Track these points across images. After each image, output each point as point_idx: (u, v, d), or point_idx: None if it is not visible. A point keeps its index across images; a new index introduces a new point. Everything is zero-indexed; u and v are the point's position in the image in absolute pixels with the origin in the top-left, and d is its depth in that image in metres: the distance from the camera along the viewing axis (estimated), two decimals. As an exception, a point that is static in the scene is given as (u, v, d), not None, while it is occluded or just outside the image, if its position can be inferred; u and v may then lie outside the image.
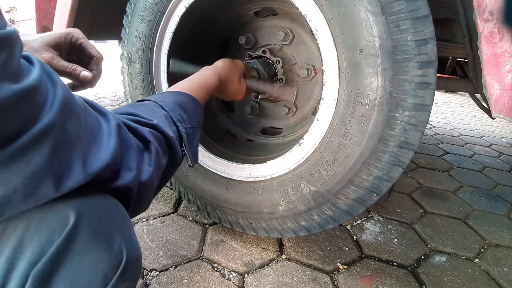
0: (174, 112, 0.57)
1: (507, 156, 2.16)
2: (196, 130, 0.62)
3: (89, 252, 0.35)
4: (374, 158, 0.69)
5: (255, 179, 0.86)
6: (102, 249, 0.36)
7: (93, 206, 0.39)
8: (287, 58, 0.97)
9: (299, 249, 0.96)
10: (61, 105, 0.32)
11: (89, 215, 0.37)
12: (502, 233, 1.17)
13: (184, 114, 0.59)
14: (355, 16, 0.65)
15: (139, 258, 0.41)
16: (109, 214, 0.40)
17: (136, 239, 0.43)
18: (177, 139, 0.55)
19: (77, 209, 0.36)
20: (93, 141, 0.38)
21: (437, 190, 1.49)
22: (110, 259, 0.36)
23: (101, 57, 0.68)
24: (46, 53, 0.60)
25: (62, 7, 1.23)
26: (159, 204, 1.15)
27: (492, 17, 0.62)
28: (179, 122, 0.57)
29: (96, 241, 0.36)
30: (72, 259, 0.34)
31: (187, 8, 0.90)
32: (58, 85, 0.33)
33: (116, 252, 0.37)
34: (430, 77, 0.63)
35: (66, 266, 0.34)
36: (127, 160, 0.43)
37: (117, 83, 3.76)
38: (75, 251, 0.34)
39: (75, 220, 0.35)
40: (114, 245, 0.37)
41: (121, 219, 0.41)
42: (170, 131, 0.53)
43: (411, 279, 0.89)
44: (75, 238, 0.35)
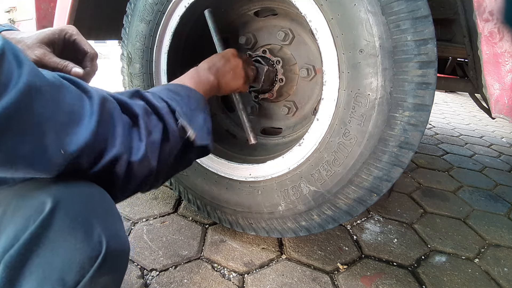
0: (162, 93, 0.55)
1: (507, 156, 2.16)
2: (197, 112, 0.58)
3: (64, 241, 0.34)
4: (374, 158, 0.69)
5: (255, 179, 0.86)
6: (79, 239, 0.34)
7: (73, 194, 0.37)
8: (287, 58, 0.97)
9: (299, 249, 0.96)
10: (26, 86, 0.31)
11: (68, 203, 0.36)
12: (502, 233, 1.17)
13: (175, 96, 0.57)
14: (355, 16, 0.65)
15: (123, 251, 0.39)
16: (90, 203, 0.38)
17: (122, 230, 0.41)
18: (168, 113, 0.52)
19: (55, 196, 0.35)
20: (71, 121, 0.36)
21: (437, 190, 1.49)
22: (87, 249, 0.35)
23: (95, 53, 0.67)
24: (39, 49, 0.60)
25: (62, 7, 1.23)
26: (159, 204, 1.15)
27: (492, 17, 0.62)
28: (169, 99, 0.54)
29: (73, 230, 0.34)
30: (46, 247, 0.33)
31: (187, 8, 0.90)
32: (24, 66, 0.32)
33: (95, 243, 0.35)
34: (430, 77, 0.63)
35: (39, 254, 0.33)
36: (113, 133, 0.41)
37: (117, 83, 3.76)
38: (49, 239, 0.33)
39: (51, 207, 0.34)
40: (93, 236, 0.35)
41: (105, 210, 0.40)
42: (156, 102, 0.51)
43: (411, 279, 0.89)
44: (50, 226, 0.33)
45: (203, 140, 0.57)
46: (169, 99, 0.54)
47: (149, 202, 1.15)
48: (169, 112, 0.52)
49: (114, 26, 1.34)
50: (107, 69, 5.24)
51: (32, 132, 0.32)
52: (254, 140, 0.87)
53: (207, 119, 0.61)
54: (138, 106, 0.47)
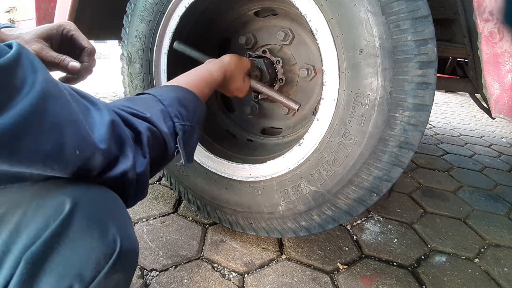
0: (172, 107, 0.56)
1: (507, 156, 2.16)
2: (195, 128, 0.61)
3: (82, 240, 0.36)
4: (374, 158, 0.69)
5: (255, 179, 0.86)
6: (96, 238, 0.36)
7: (90, 195, 0.40)
8: (287, 58, 0.97)
9: (299, 249, 0.96)
10: (41, 92, 0.32)
11: (85, 204, 0.38)
12: (502, 233, 1.17)
13: (183, 110, 0.58)
14: (355, 16, 0.65)
15: (134, 250, 0.41)
16: (105, 204, 0.41)
17: (133, 232, 0.43)
18: (171, 135, 0.54)
19: (74, 197, 0.37)
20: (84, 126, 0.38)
21: (437, 190, 1.49)
22: (103, 248, 0.37)
23: (93, 48, 0.68)
24: (36, 44, 0.61)
25: (62, 7, 1.23)
26: (159, 204, 1.15)
27: (492, 17, 0.62)
28: (177, 118, 0.56)
29: (90, 229, 0.37)
30: (66, 245, 0.35)
31: (187, 8, 0.90)
32: (39, 72, 0.33)
33: (110, 241, 0.37)
34: (430, 77, 0.63)
35: (59, 251, 0.34)
36: (124, 149, 0.44)
37: (117, 83, 3.76)
38: (68, 237, 0.35)
39: (70, 207, 0.36)
40: (108, 235, 0.37)
41: (118, 211, 0.42)
42: (164, 126, 0.53)
43: (411, 279, 0.89)
44: (69, 225, 0.35)
45: (189, 162, 0.60)
46: (176, 118, 0.56)
47: (149, 202, 1.15)
48: (173, 133, 0.55)
49: (114, 26, 1.34)
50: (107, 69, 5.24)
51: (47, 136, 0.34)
52: (296, 105, 0.83)
53: (198, 134, 0.64)
54: (141, 124, 0.49)
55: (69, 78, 0.67)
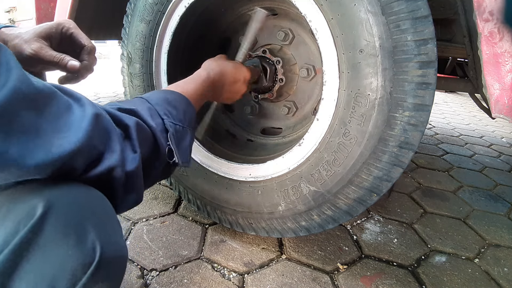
0: (160, 106, 0.55)
1: (507, 156, 2.16)
2: (186, 131, 0.59)
3: (55, 247, 0.33)
4: (374, 158, 0.69)
5: (255, 179, 0.86)
6: (71, 245, 0.33)
7: (68, 197, 0.37)
8: (287, 58, 0.97)
9: (299, 249, 0.96)
10: (12, 92, 0.30)
11: (60, 207, 0.35)
12: (502, 233, 1.17)
13: (172, 110, 0.57)
14: (355, 16, 0.65)
15: (119, 258, 0.38)
16: (85, 207, 0.37)
17: (119, 237, 0.40)
18: (161, 131, 0.52)
19: (48, 200, 0.34)
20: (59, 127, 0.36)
21: (437, 190, 1.49)
22: (80, 256, 0.34)
23: (93, 47, 0.66)
24: (35, 43, 0.60)
25: (62, 7, 1.23)
26: (159, 204, 1.15)
27: (492, 17, 0.62)
28: (166, 116, 0.54)
29: (65, 236, 0.34)
30: (36, 253, 0.32)
31: (187, 8, 0.90)
32: (13, 71, 0.31)
33: (88, 249, 0.34)
34: (430, 77, 0.63)
35: (29, 260, 0.32)
36: (109, 143, 0.41)
37: (117, 83, 3.76)
38: (39, 244, 0.32)
39: (43, 211, 0.33)
40: (86, 242, 0.34)
41: (101, 213, 0.39)
42: (152, 122, 0.51)
43: (411, 279, 0.89)
44: (40, 231, 0.33)
45: (185, 163, 0.58)
46: (165, 115, 0.54)
47: (149, 202, 1.15)
48: (163, 130, 0.53)
49: (114, 26, 1.34)
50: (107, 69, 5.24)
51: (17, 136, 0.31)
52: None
53: (193, 138, 0.62)
54: (128, 118, 0.47)
55: (69, 77, 0.66)
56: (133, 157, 0.44)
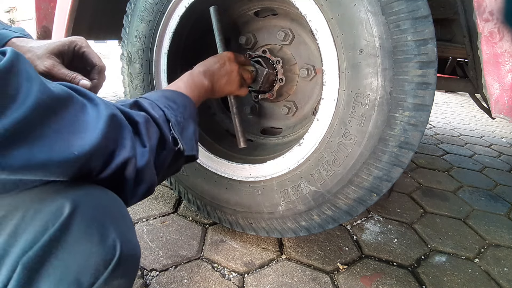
0: (159, 101, 0.57)
1: (507, 156, 2.16)
2: (189, 122, 0.61)
3: (81, 245, 0.35)
4: (374, 158, 0.69)
5: (255, 179, 0.86)
6: (95, 243, 0.36)
7: (90, 199, 0.39)
8: (287, 58, 0.97)
9: (299, 249, 0.96)
10: (35, 103, 0.33)
11: (85, 208, 0.37)
12: (502, 233, 1.17)
13: (172, 104, 0.58)
14: (355, 16, 0.65)
15: (135, 255, 0.41)
16: (106, 208, 0.40)
17: (134, 237, 0.42)
18: (164, 122, 0.54)
19: (73, 201, 0.37)
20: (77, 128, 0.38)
21: (437, 190, 1.49)
22: (102, 253, 0.36)
23: (103, 66, 0.69)
24: (48, 60, 0.62)
25: (62, 7, 1.23)
26: (159, 204, 1.15)
27: (492, 17, 0.62)
28: (166, 108, 0.56)
29: (89, 234, 0.36)
30: (64, 250, 0.34)
31: (187, 8, 0.90)
32: (34, 82, 0.33)
33: (109, 247, 0.37)
34: (430, 77, 0.63)
35: (57, 256, 0.34)
36: (122, 141, 0.43)
37: (117, 83, 3.76)
38: (67, 242, 0.35)
39: (69, 211, 0.36)
40: (108, 240, 0.37)
41: (119, 214, 0.41)
42: (155, 113, 0.53)
43: (411, 279, 0.89)
44: (68, 230, 0.35)
45: (191, 151, 0.59)
46: (165, 108, 0.56)
47: (149, 202, 1.15)
48: (165, 121, 0.54)
49: (114, 26, 1.34)
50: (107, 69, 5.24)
51: (42, 143, 0.34)
52: (243, 145, 0.89)
53: (196, 129, 0.64)
54: (138, 115, 0.49)
55: None
56: (143, 152, 0.47)
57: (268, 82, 0.95)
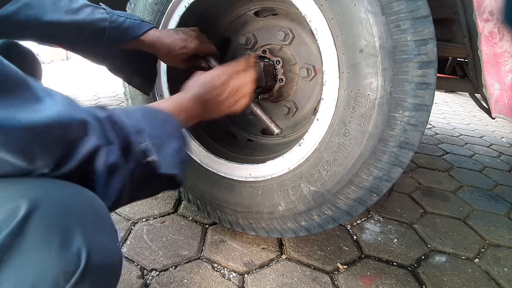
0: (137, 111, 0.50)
1: (507, 156, 2.16)
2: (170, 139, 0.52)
3: (37, 252, 0.31)
4: (374, 158, 0.69)
5: (255, 179, 0.86)
6: (54, 250, 0.31)
7: (54, 198, 0.34)
8: (287, 58, 0.97)
9: (299, 249, 0.96)
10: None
11: (46, 208, 0.32)
12: (502, 233, 1.17)
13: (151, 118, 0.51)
14: (355, 16, 0.65)
15: (109, 266, 0.36)
16: (72, 208, 0.35)
17: (111, 243, 0.37)
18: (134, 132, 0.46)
19: (32, 200, 0.32)
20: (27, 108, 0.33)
21: (437, 190, 1.49)
22: (62, 263, 0.31)
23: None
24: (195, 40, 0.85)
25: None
26: (159, 204, 1.15)
27: (492, 17, 0.62)
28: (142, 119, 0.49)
29: (48, 240, 0.31)
30: (17, 258, 0.30)
31: (187, 8, 0.90)
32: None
33: (72, 255, 0.32)
34: (430, 77, 0.63)
35: (9, 264, 0.30)
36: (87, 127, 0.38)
37: (117, 83, 3.76)
38: (20, 249, 0.30)
39: (26, 212, 0.31)
40: (71, 247, 0.32)
41: (91, 218, 0.36)
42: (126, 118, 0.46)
43: (411, 279, 0.89)
44: (22, 234, 0.30)
45: (170, 169, 0.49)
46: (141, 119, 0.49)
47: (149, 202, 1.15)
48: (137, 132, 0.46)
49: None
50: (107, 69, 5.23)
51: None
52: (277, 130, 0.81)
53: (183, 150, 0.54)
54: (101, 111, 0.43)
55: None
56: (112, 148, 0.41)
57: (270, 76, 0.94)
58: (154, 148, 0.47)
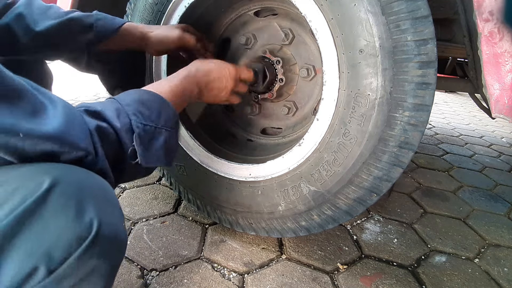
0: (130, 106, 0.54)
1: (507, 156, 2.16)
2: (160, 131, 0.56)
3: (56, 219, 0.36)
4: (374, 158, 0.69)
5: (255, 179, 0.86)
6: (70, 218, 0.36)
7: (72, 177, 0.40)
8: (287, 58, 0.97)
9: (299, 249, 0.96)
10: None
11: (65, 184, 0.38)
12: (502, 233, 1.17)
13: (145, 110, 0.55)
14: (355, 16, 0.65)
15: (115, 238, 0.40)
16: (88, 188, 0.40)
17: (119, 221, 0.42)
18: (127, 132, 0.51)
19: (54, 177, 0.37)
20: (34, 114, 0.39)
21: (437, 190, 1.49)
22: (77, 229, 0.36)
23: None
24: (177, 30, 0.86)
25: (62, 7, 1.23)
26: (159, 204, 1.15)
27: (492, 17, 0.62)
28: (135, 116, 0.53)
29: (66, 209, 0.36)
30: (38, 223, 0.35)
31: (187, 8, 0.90)
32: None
33: (85, 223, 0.37)
34: (430, 77, 0.63)
35: (30, 228, 0.35)
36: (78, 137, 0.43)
37: (117, 83, 3.76)
38: (42, 215, 0.35)
39: (48, 186, 0.36)
40: (84, 217, 0.37)
41: (102, 197, 0.41)
42: (118, 122, 0.50)
43: (411, 279, 0.89)
44: (44, 203, 0.35)
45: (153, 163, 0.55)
46: (135, 115, 0.53)
47: (149, 202, 1.15)
48: (129, 130, 0.51)
49: (114, 26, 1.34)
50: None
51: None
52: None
53: (171, 137, 0.59)
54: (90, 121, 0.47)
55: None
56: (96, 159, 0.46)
57: (268, 83, 0.95)
58: (142, 147, 0.52)
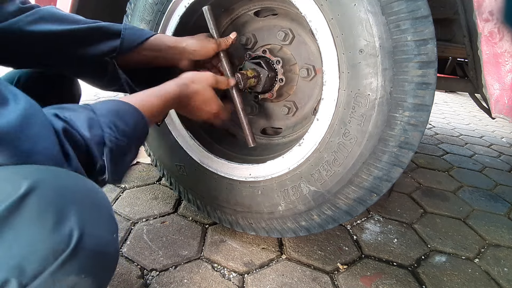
0: (105, 117, 0.49)
1: (507, 156, 2.16)
2: (131, 148, 0.53)
3: (30, 228, 0.32)
4: (374, 158, 0.69)
5: (255, 179, 0.86)
6: (47, 228, 0.32)
7: (56, 181, 0.36)
8: (287, 58, 0.97)
9: (299, 249, 0.96)
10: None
11: (45, 190, 0.34)
12: (502, 233, 1.17)
13: (120, 123, 0.51)
14: (355, 16, 0.65)
15: (101, 253, 0.36)
16: (72, 193, 0.36)
17: (108, 233, 0.38)
18: (97, 144, 0.46)
19: (33, 181, 0.33)
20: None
21: (437, 190, 1.49)
22: (53, 241, 0.32)
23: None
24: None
25: (62, 7, 1.23)
26: (159, 204, 1.15)
27: (492, 17, 0.62)
28: (109, 129, 0.48)
29: (42, 218, 0.33)
30: (10, 232, 0.31)
31: (187, 8, 0.90)
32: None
33: (63, 234, 0.33)
34: (430, 77, 0.63)
35: (1, 237, 0.31)
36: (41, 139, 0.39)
37: (117, 83, 3.76)
38: (14, 224, 0.32)
39: (25, 191, 0.33)
40: (64, 227, 0.33)
41: (91, 205, 0.37)
42: (88, 132, 0.45)
43: (411, 279, 0.89)
44: (18, 210, 0.32)
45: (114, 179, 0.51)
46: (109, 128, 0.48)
47: (149, 202, 1.15)
48: (100, 143, 0.47)
49: (114, 26, 1.34)
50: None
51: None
52: (253, 143, 0.88)
53: (135, 154, 0.56)
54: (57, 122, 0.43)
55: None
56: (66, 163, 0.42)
57: (269, 83, 0.95)
58: (113, 163, 0.48)
